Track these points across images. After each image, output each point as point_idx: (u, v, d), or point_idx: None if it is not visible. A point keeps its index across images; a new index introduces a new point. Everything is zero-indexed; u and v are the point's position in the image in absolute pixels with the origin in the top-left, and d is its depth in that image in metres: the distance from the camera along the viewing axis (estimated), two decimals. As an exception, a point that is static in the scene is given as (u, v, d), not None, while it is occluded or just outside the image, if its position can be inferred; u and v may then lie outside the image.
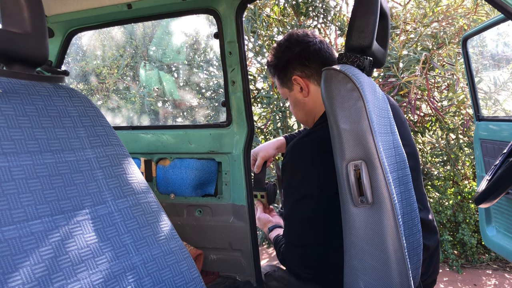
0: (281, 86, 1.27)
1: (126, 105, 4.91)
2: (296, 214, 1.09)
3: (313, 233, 1.07)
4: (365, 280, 0.80)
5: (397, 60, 2.79)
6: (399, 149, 1.04)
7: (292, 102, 1.26)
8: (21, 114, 0.65)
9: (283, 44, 1.23)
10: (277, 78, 1.26)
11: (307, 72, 1.20)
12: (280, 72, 1.23)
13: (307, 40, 1.20)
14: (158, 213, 0.77)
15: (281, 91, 1.29)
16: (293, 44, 1.21)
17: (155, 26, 4.86)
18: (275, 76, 1.27)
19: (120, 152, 0.78)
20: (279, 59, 1.23)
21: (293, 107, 1.27)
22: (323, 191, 1.03)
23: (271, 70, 1.28)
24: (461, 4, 2.96)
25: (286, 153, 1.14)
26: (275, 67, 1.25)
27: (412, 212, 1.03)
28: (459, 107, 2.94)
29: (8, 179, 0.59)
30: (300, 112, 1.26)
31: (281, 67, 1.22)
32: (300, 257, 1.11)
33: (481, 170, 2.04)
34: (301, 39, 1.21)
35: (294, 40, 1.22)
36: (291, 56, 1.20)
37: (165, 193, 1.58)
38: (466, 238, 2.82)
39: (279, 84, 1.27)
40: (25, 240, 0.57)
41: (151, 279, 0.70)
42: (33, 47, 0.67)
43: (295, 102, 1.25)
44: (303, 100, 1.22)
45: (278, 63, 1.23)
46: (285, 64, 1.21)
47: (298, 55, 1.19)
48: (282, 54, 1.21)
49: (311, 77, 1.20)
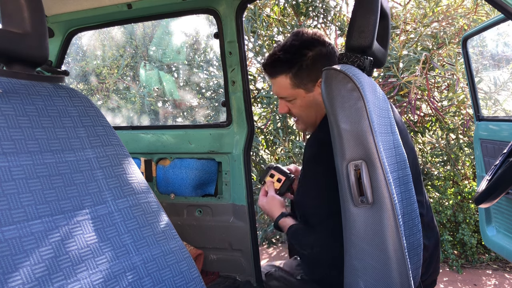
0: (295, 87, 1.14)
1: (126, 105, 4.91)
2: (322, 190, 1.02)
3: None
4: (365, 280, 0.80)
5: (397, 60, 2.79)
6: (400, 149, 1.04)
7: (306, 104, 1.16)
8: (21, 114, 0.65)
9: (306, 41, 1.11)
10: (293, 77, 1.13)
11: None
12: (301, 71, 1.11)
13: (328, 41, 1.14)
14: (158, 213, 0.77)
15: (290, 92, 1.15)
16: (319, 43, 1.12)
17: (155, 26, 4.86)
18: (288, 74, 1.13)
19: (120, 152, 0.78)
20: (300, 56, 1.10)
21: (304, 109, 1.17)
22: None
23: (282, 67, 1.13)
24: (461, 4, 2.96)
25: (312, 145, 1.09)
26: (292, 65, 1.12)
27: (412, 212, 1.03)
28: (459, 107, 2.94)
29: (8, 179, 0.59)
30: (313, 113, 1.17)
31: (304, 66, 1.11)
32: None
33: (481, 170, 2.04)
34: (323, 39, 1.13)
35: (318, 38, 1.12)
36: (319, 55, 1.10)
37: (165, 193, 1.58)
38: (466, 238, 2.82)
39: (293, 84, 1.14)
40: (25, 240, 0.57)
41: (151, 279, 0.70)
42: (33, 47, 0.67)
43: (310, 103, 1.16)
44: (321, 103, 1.14)
45: (298, 61, 1.11)
46: (311, 62, 1.10)
47: (326, 55, 1.11)
48: (305, 51, 1.10)
49: None
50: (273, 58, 1.13)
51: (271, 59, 1.14)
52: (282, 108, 1.21)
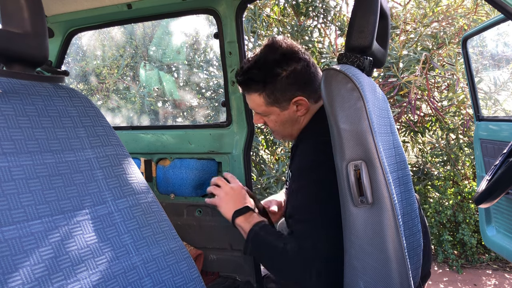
0: (269, 105, 1.09)
1: (126, 105, 4.91)
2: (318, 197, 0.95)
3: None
4: (365, 280, 0.80)
5: (397, 60, 2.79)
6: (399, 149, 1.04)
7: (280, 120, 1.12)
8: (21, 114, 0.65)
9: (280, 58, 1.05)
10: (266, 97, 1.08)
11: (307, 92, 1.07)
12: (275, 91, 1.06)
13: (303, 56, 1.07)
14: (158, 213, 0.77)
15: (264, 109, 1.10)
16: (293, 60, 1.05)
17: (155, 26, 4.86)
18: (261, 93, 1.08)
19: (120, 152, 0.78)
20: (274, 75, 1.05)
21: (279, 124, 1.13)
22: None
23: (255, 86, 1.08)
24: (461, 4, 2.96)
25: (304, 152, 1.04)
26: (265, 84, 1.06)
27: (412, 212, 1.03)
28: (459, 107, 2.94)
29: (8, 179, 0.59)
30: (288, 129, 1.14)
31: (278, 86, 1.05)
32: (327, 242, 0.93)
33: (481, 170, 2.04)
34: (298, 55, 1.06)
35: (292, 54, 1.06)
36: (293, 74, 1.05)
37: (165, 193, 1.58)
38: (466, 238, 2.82)
39: (266, 102, 1.09)
40: (25, 240, 0.57)
41: (151, 279, 0.70)
42: (33, 47, 0.67)
43: (284, 120, 1.12)
44: (296, 118, 1.11)
45: (272, 81, 1.05)
46: (286, 82, 1.05)
47: (301, 73, 1.06)
48: (279, 70, 1.05)
49: (310, 96, 1.08)
50: (246, 76, 1.08)
51: (244, 77, 1.09)
52: (257, 120, 1.18)
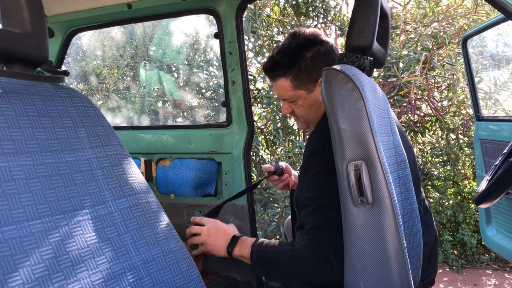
0: (296, 89, 1.14)
1: (126, 105, 4.91)
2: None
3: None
4: (365, 280, 0.80)
5: (397, 60, 2.79)
6: (399, 149, 1.04)
7: (308, 104, 1.16)
8: (21, 114, 0.65)
9: (303, 42, 1.10)
10: (293, 79, 1.12)
11: None
12: (301, 73, 1.11)
13: (326, 40, 1.13)
14: (158, 213, 0.77)
15: (292, 93, 1.15)
16: (317, 42, 1.11)
17: (155, 26, 4.86)
18: (288, 77, 1.13)
19: (120, 152, 0.78)
20: (299, 57, 1.10)
21: (307, 109, 1.17)
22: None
23: (282, 70, 1.13)
24: (461, 4, 2.96)
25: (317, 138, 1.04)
26: (291, 67, 1.11)
27: (412, 212, 1.03)
28: (459, 107, 2.94)
29: (8, 179, 0.59)
30: (315, 113, 1.17)
31: (303, 67, 1.10)
32: (331, 244, 0.91)
33: (481, 170, 2.04)
34: (321, 38, 1.12)
35: (315, 37, 1.11)
36: (317, 55, 1.10)
37: (165, 193, 1.58)
38: (466, 238, 2.82)
39: (293, 86, 1.13)
40: (25, 240, 0.57)
41: (151, 279, 0.70)
42: (33, 47, 0.67)
43: (311, 103, 1.15)
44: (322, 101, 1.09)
45: (297, 63, 1.10)
46: (310, 63, 1.10)
47: (325, 54, 1.11)
48: (303, 52, 1.10)
49: None
50: (272, 61, 1.13)
51: (270, 63, 1.14)
52: (286, 109, 1.21)
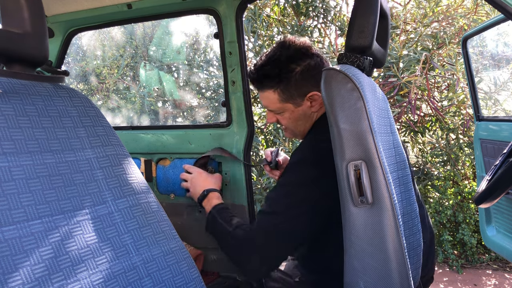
0: (283, 102, 1.11)
1: (126, 105, 4.91)
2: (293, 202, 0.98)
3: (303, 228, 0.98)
4: (365, 280, 0.80)
5: (397, 60, 2.79)
6: (399, 149, 1.04)
7: (294, 117, 1.13)
8: (21, 114, 0.65)
9: (293, 54, 1.06)
10: (281, 93, 1.09)
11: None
12: (290, 86, 1.07)
13: (316, 52, 1.09)
14: (158, 213, 0.77)
15: (279, 106, 1.12)
16: (307, 56, 1.07)
17: (155, 26, 4.86)
18: (276, 90, 1.09)
19: (120, 152, 0.78)
20: (288, 71, 1.06)
21: (293, 121, 1.14)
22: (325, 200, 0.97)
23: (270, 83, 1.09)
24: (461, 4, 2.96)
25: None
26: (280, 81, 1.07)
27: (412, 212, 1.03)
28: (459, 107, 2.94)
29: (8, 179, 0.59)
30: (301, 125, 1.15)
31: (293, 81, 1.06)
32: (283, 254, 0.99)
33: (481, 170, 2.04)
34: (311, 51, 1.08)
35: (306, 50, 1.07)
36: (307, 69, 1.06)
37: (165, 193, 1.58)
38: (466, 238, 2.82)
39: (281, 99, 1.10)
40: (25, 240, 0.57)
41: (151, 279, 0.70)
42: (33, 47, 0.67)
43: (298, 117, 1.13)
44: (310, 114, 1.12)
45: (286, 76, 1.06)
46: (300, 77, 1.06)
47: (315, 68, 1.06)
48: (293, 66, 1.06)
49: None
50: (260, 72, 1.09)
51: (258, 74, 1.10)
52: (270, 118, 1.19)
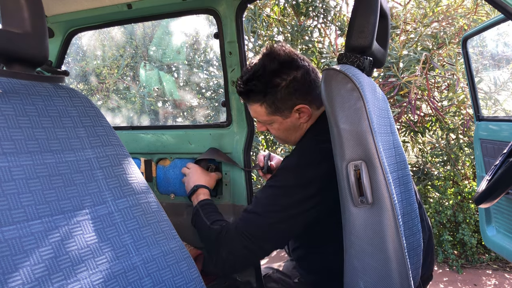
0: (271, 114, 1.09)
1: (126, 105, 4.91)
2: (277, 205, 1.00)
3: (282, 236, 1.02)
4: (365, 280, 0.80)
5: (397, 60, 2.79)
6: (399, 149, 1.04)
7: (283, 128, 1.12)
8: (21, 114, 0.65)
9: (279, 68, 1.04)
10: (268, 106, 1.08)
11: (309, 99, 1.07)
12: (277, 101, 1.06)
13: (302, 63, 1.06)
14: (158, 213, 0.77)
15: (267, 118, 1.11)
16: (292, 68, 1.05)
17: (155, 26, 4.86)
18: (262, 104, 1.08)
19: (120, 152, 0.78)
20: (274, 85, 1.04)
21: (282, 131, 1.14)
22: (321, 199, 0.99)
23: (256, 97, 1.07)
24: (461, 4, 2.95)
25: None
26: (266, 95, 1.05)
27: (412, 212, 1.03)
28: (459, 107, 2.93)
29: (8, 179, 0.59)
30: (292, 135, 1.14)
31: (278, 96, 1.05)
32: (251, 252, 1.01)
33: (481, 170, 2.04)
34: (297, 62, 1.05)
35: (290, 62, 1.05)
36: (293, 83, 1.04)
37: (165, 193, 1.58)
38: (466, 238, 2.82)
39: (268, 112, 1.09)
40: (25, 240, 0.57)
41: (151, 279, 0.70)
42: (33, 47, 0.67)
43: (287, 128, 1.12)
44: (299, 125, 1.11)
45: (272, 91, 1.05)
46: (286, 92, 1.04)
47: (301, 80, 1.05)
48: (278, 80, 1.04)
49: (312, 103, 1.08)
50: (246, 87, 1.08)
51: (244, 88, 1.08)
52: (260, 127, 1.19)
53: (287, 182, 1.00)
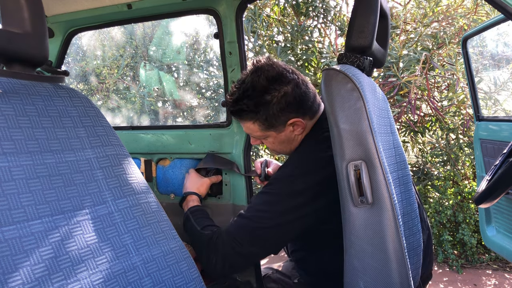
0: (264, 130, 1.09)
1: (126, 105, 4.91)
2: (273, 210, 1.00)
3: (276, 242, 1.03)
4: (365, 280, 0.80)
5: (397, 60, 2.79)
6: (399, 149, 1.04)
7: (278, 141, 1.12)
8: (21, 114, 0.65)
9: (266, 85, 1.02)
10: (261, 124, 1.07)
11: (301, 112, 1.06)
12: (269, 117, 1.04)
13: (292, 77, 1.04)
14: (158, 213, 0.77)
15: (261, 134, 1.10)
16: (281, 83, 1.03)
17: (155, 26, 4.86)
18: (255, 122, 1.07)
19: (120, 152, 0.78)
20: (264, 103, 1.03)
21: (277, 144, 1.13)
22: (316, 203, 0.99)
23: (248, 116, 1.06)
24: (461, 4, 2.95)
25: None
26: (257, 113, 1.04)
27: (412, 212, 1.03)
28: (459, 107, 2.93)
29: (8, 179, 0.59)
30: (287, 147, 1.14)
31: (270, 113, 1.03)
32: (242, 257, 1.02)
33: (481, 170, 2.04)
34: (287, 77, 1.03)
35: (279, 77, 1.03)
36: (283, 98, 1.02)
37: (165, 193, 1.58)
38: (466, 238, 2.82)
39: (261, 128, 1.08)
40: (25, 240, 0.57)
41: (151, 279, 0.70)
42: (33, 47, 0.67)
43: (282, 141, 1.11)
44: (294, 137, 1.10)
45: (263, 108, 1.03)
46: (277, 108, 1.03)
47: (292, 93, 1.03)
48: (269, 97, 1.02)
49: (305, 115, 1.07)
50: (237, 107, 1.07)
51: (235, 108, 1.08)
52: (254, 141, 1.19)
53: (281, 191, 1.01)
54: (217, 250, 1.03)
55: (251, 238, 1.00)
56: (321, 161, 0.98)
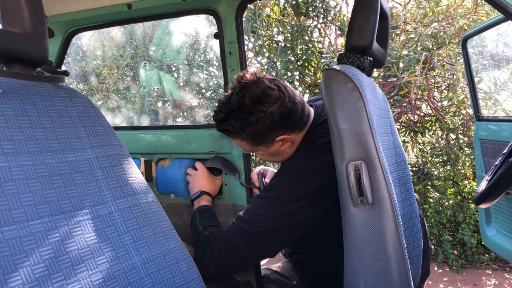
0: (253, 146, 1.09)
1: (126, 105, 4.91)
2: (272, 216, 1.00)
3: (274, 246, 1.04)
4: (365, 280, 0.80)
5: (397, 60, 2.79)
6: (399, 149, 1.04)
7: (269, 153, 1.12)
8: (21, 114, 0.65)
9: (250, 106, 1.00)
10: (249, 141, 1.07)
11: (289, 127, 1.05)
12: (256, 135, 1.04)
13: (278, 94, 1.01)
14: (158, 213, 0.77)
15: (250, 149, 1.11)
16: (266, 102, 1.00)
17: (155, 26, 4.86)
18: (243, 140, 1.07)
19: (120, 152, 0.78)
20: (251, 123, 1.01)
21: (268, 156, 1.14)
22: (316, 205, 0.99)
23: (235, 135, 1.06)
24: (461, 4, 2.95)
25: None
26: (244, 132, 1.04)
27: (412, 212, 1.03)
28: (459, 107, 2.93)
29: (8, 179, 0.59)
30: (279, 158, 1.14)
31: (257, 132, 1.03)
32: (237, 259, 1.03)
33: (481, 170, 2.04)
34: (272, 94, 1.01)
35: (263, 96, 1.00)
36: (269, 117, 1.01)
37: (165, 193, 1.58)
38: (466, 238, 2.82)
39: (250, 144, 1.08)
40: (25, 240, 0.57)
41: (151, 279, 0.70)
42: (33, 47, 0.67)
43: (272, 153, 1.12)
44: (284, 150, 1.10)
45: (250, 128, 1.02)
46: (263, 127, 1.02)
47: (278, 110, 1.01)
48: (254, 118, 1.01)
49: (294, 130, 1.06)
50: (224, 127, 1.06)
51: (222, 127, 1.07)
52: (246, 151, 1.21)
53: (279, 196, 1.01)
54: (213, 250, 1.04)
55: (247, 241, 1.01)
56: (318, 167, 0.99)
